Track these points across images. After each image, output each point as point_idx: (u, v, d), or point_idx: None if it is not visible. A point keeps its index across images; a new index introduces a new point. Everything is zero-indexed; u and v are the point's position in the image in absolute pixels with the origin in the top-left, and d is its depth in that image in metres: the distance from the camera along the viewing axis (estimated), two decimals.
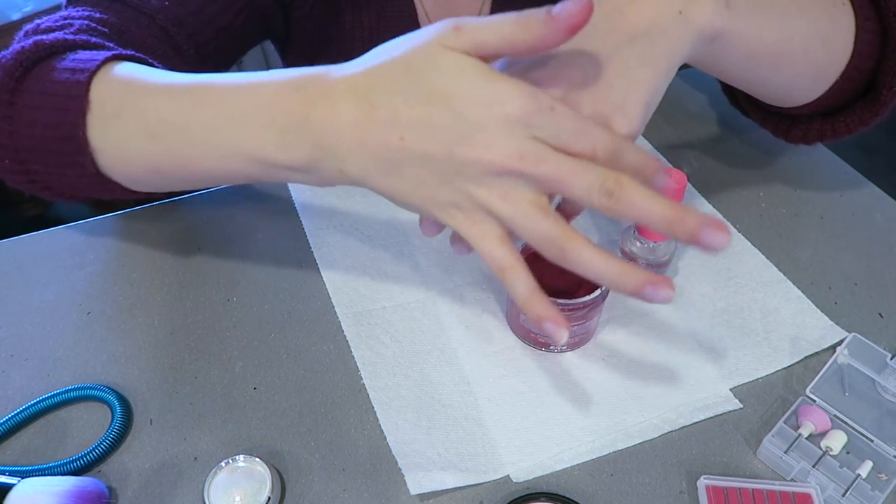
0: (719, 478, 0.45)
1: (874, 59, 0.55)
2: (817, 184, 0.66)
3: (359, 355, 0.52)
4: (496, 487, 0.45)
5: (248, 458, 0.44)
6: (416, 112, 0.35)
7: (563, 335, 0.37)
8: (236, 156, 0.40)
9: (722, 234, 0.35)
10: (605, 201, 0.35)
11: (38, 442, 0.47)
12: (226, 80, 0.41)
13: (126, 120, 0.44)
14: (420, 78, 0.35)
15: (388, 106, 0.35)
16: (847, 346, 0.51)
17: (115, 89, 0.44)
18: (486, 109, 0.34)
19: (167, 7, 0.56)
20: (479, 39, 0.35)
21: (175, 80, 0.43)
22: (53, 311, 0.55)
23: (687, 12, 0.42)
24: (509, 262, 0.38)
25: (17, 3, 1.21)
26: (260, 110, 0.39)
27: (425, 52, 0.35)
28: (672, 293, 0.36)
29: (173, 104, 0.42)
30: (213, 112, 0.41)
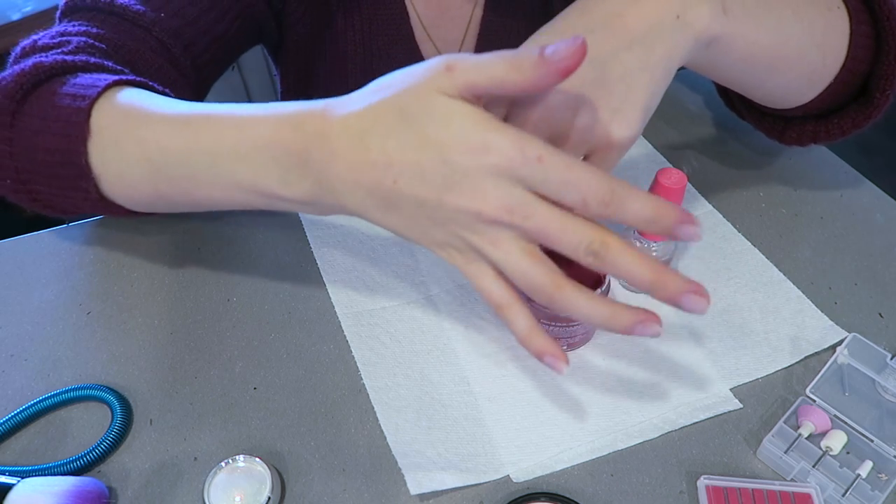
0: (719, 478, 0.45)
1: (868, 63, 0.56)
2: (817, 184, 0.66)
3: (359, 355, 0.52)
4: (496, 487, 0.45)
5: (248, 458, 0.44)
6: (408, 157, 0.35)
7: (563, 369, 0.38)
8: (238, 188, 0.41)
9: (702, 300, 0.36)
10: (591, 260, 0.36)
11: (38, 442, 0.47)
12: (224, 112, 0.41)
13: (126, 148, 0.44)
14: (412, 123, 0.35)
15: (382, 150, 0.35)
16: (847, 346, 0.51)
17: (116, 117, 0.45)
18: (473, 158, 0.34)
19: (163, 19, 0.56)
20: (470, 81, 0.35)
21: (175, 110, 0.44)
22: (53, 311, 0.55)
23: (685, 17, 0.43)
24: (507, 299, 0.38)
25: (18, 3, 1.21)
26: (259, 148, 0.39)
27: (418, 96, 0.35)
28: (660, 329, 0.37)
29: (173, 135, 0.43)
30: (213, 146, 0.41)
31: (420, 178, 0.35)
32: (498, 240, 0.36)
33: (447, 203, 0.35)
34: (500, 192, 0.34)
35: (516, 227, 0.35)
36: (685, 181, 0.48)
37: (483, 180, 0.34)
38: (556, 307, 0.37)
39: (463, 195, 0.35)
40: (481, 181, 0.34)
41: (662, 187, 0.48)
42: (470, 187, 0.35)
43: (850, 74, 0.56)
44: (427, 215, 0.36)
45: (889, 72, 0.55)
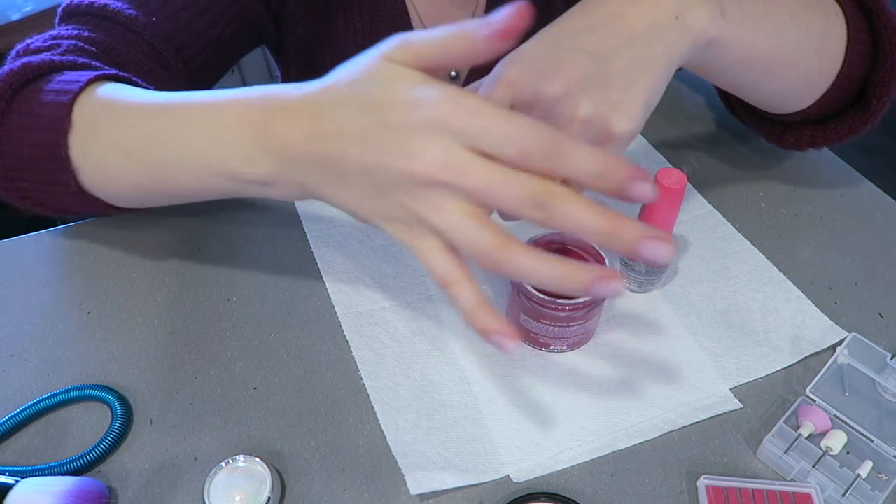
0: (719, 478, 0.45)
1: (865, 70, 0.57)
2: (817, 184, 0.66)
3: (359, 355, 0.52)
4: (496, 487, 0.45)
5: (248, 458, 0.44)
6: (353, 122, 0.35)
7: (511, 347, 0.35)
8: (209, 171, 0.42)
9: (666, 246, 0.33)
10: (538, 214, 0.33)
11: (38, 442, 0.47)
12: (199, 98, 0.42)
13: (106, 139, 0.45)
14: (360, 89, 0.35)
15: (333, 119, 0.36)
16: (847, 346, 0.51)
17: (96, 109, 0.46)
18: (408, 114, 0.34)
19: (155, 23, 0.56)
20: (419, 50, 0.35)
21: (153, 100, 0.45)
22: (53, 311, 0.55)
23: (683, 18, 0.44)
24: (453, 276, 0.36)
25: (18, 3, 1.21)
26: (228, 127, 0.40)
27: (369, 65, 0.36)
28: (620, 286, 0.34)
29: (150, 123, 0.44)
30: (187, 130, 0.42)
31: (362, 143, 0.35)
32: (439, 204, 0.34)
33: (386, 166, 0.34)
34: (436, 147, 0.33)
35: (456, 187, 0.34)
36: (685, 181, 0.48)
37: (418, 136, 0.34)
38: (505, 271, 0.34)
39: (401, 157, 0.34)
40: (416, 138, 0.34)
41: (662, 187, 0.48)
42: (406, 146, 0.34)
43: (847, 80, 0.56)
44: (371, 183, 0.36)
45: (885, 79, 0.55)
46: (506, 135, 0.33)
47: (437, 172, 0.33)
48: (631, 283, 0.56)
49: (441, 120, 0.33)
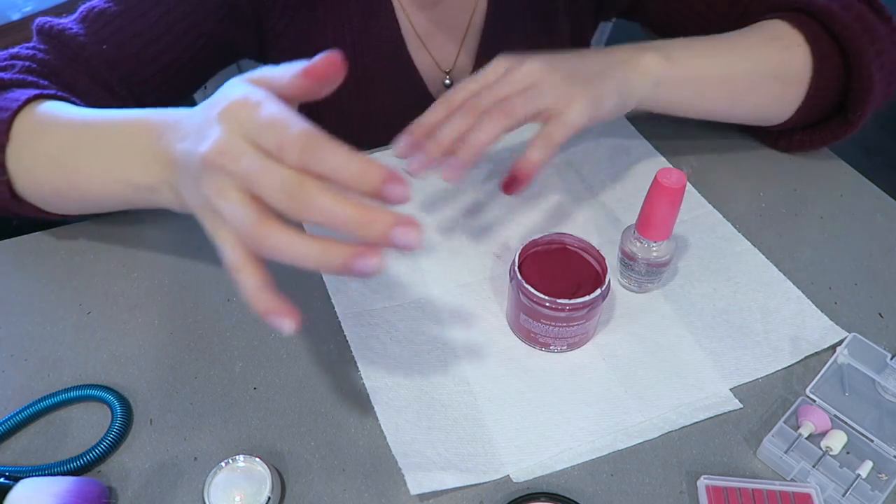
0: (719, 478, 0.45)
1: (837, 91, 0.63)
2: (817, 184, 0.66)
3: (359, 355, 0.52)
4: (496, 487, 0.45)
5: (248, 458, 0.44)
6: (193, 123, 0.40)
7: (289, 327, 0.38)
8: (112, 178, 0.47)
9: (415, 232, 0.34)
10: (288, 203, 0.35)
11: (38, 442, 0.47)
12: (115, 116, 0.48)
13: (34, 149, 0.51)
14: (212, 100, 0.39)
15: (187, 125, 0.41)
16: (847, 346, 0.51)
17: (31, 123, 0.52)
18: (215, 109, 0.37)
19: (104, 51, 0.60)
20: (264, 77, 0.39)
21: (78, 116, 0.51)
22: (53, 311, 0.55)
23: (630, 62, 0.56)
24: (237, 263, 0.38)
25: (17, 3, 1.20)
26: (129, 139, 0.46)
27: (228, 84, 0.40)
28: (380, 262, 0.35)
29: (70, 135, 0.50)
30: (97, 142, 0.48)
31: (187, 138, 0.39)
32: (221, 188, 0.36)
33: (191, 153, 0.38)
34: (222, 135, 0.36)
35: (229, 172, 0.36)
36: (685, 181, 0.48)
37: (214, 126, 0.37)
38: (265, 249, 0.36)
39: (198, 143, 0.37)
40: (212, 128, 0.37)
41: (662, 187, 0.48)
42: (202, 134, 0.37)
43: (819, 98, 0.63)
44: (191, 175, 0.39)
45: (859, 98, 0.62)
46: (270, 126, 0.36)
47: (215, 156, 0.36)
48: (631, 283, 0.56)
49: (230, 112, 0.37)
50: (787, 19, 0.62)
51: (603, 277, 0.49)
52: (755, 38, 0.61)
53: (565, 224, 0.62)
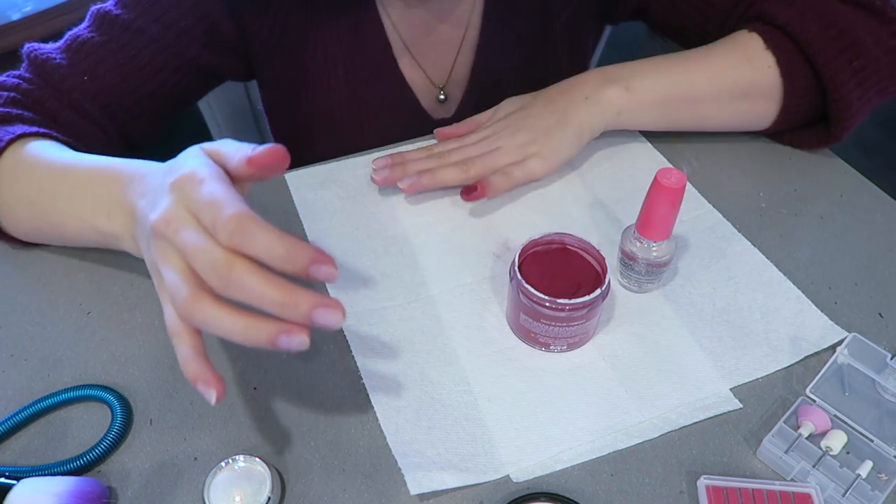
0: (719, 478, 0.45)
1: (813, 107, 0.64)
2: (817, 184, 0.66)
3: (359, 355, 0.52)
4: (496, 487, 0.45)
5: (248, 458, 0.44)
6: (153, 184, 0.43)
7: (213, 398, 0.39)
8: (83, 223, 0.50)
9: (335, 313, 0.37)
10: (217, 282, 0.37)
11: (38, 442, 0.47)
12: (89, 164, 0.52)
13: (16, 188, 0.54)
14: (170, 163, 0.43)
15: (149, 183, 0.44)
16: (847, 346, 0.51)
17: (15, 163, 0.54)
18: (169, 178, 0.40)
19: (85, 83, 0.62)
20: (219, 153, 0.42)
21: (57, 161, 0.53)
22: (53, 311, 0.55)
23: (592, 97, 0.62)
24: (176, 329, 0.40)
25: (17, 3, 1.20)
26: (99, 188, 0.49)
27: (186, 152, 0.43)
28: (307, 339, 0.37)
29: (49, 178, 0.53)
30: (71, 189, 0.51)
31: (146, 198, 0.43)
32: (164, 254, 0.39)
33: (145, 216, 0.41)
34: (170, 206, 0.39)
35: (171, 242, 0.38)
36: (685, 181, 0.48)
37: (165, 195, 0.40)
38: (193, 321, 0.38)
39: (151, 209, 0.40)
40: (164, 196, 0.40)
41: (662, 187, 0.48)
42: (156, 201, 0.40)
43: (794, 115, 0.65)
44: (145, 235, 0.42)
45: (838, 117, 0.63)
46: (207, 204, 0.38)
47: (161, 224, 0.39)
48: (631, 283, 0.56)
49: (178, 184, 0.39)
50: (763, 36, 0.63)
51: (603, 277, 0.49)
52: (725, 58, 0.63)
53: (565, 224, 0.62)
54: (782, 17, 0.62)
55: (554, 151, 0.62)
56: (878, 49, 0.61)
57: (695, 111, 0.64)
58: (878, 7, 0.62)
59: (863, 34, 0.61)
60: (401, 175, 0.61)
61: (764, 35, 0.63)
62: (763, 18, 0.64)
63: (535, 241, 0.52)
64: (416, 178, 0.61)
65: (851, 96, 0.61)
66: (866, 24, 0.62)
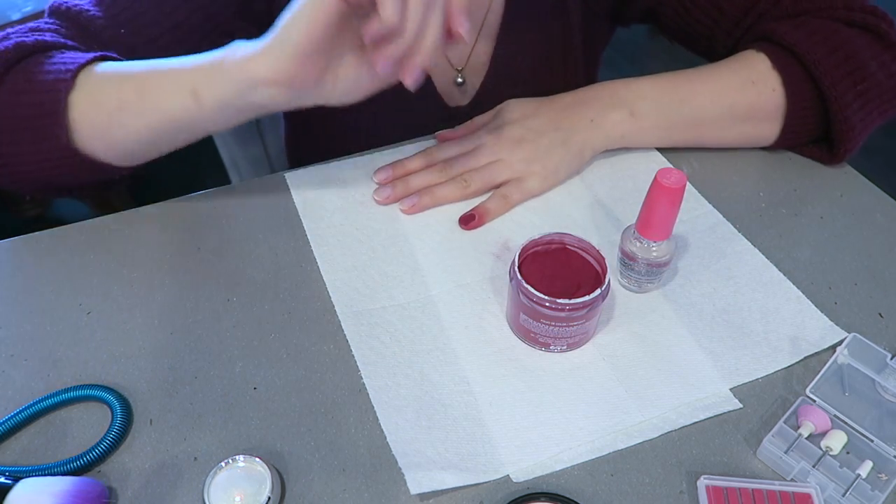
0: (719, 478, 0.45)
1: (815, 127, 0.65)
2: (817, 184, 0.66)
3: (359, 355, 0.52)
4: (496, 487, 0.45)
5: (248, 458, 0.44)
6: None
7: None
8: (184, 89, 0.51)
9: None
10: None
11: (38, 442, 0.47)
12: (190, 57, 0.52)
13: (106, 76, 0.53)
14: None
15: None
16: (847, 346, 0.51)
17: (103, 68, 0.54)
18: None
19: (122, 35, 0.60)
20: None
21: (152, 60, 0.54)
22: (53, 311, 0.55)
23: (596, 121, 0.64)
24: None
25: (17, 3, 1.21)
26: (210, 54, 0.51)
27: None
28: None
29: (143, 64, 0.53)
30: (174, 64, 0.52)
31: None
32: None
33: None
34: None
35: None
36: (685, 181, 0.48)
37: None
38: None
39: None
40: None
41: (662, 187, 0.48)
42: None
43: (796, 136, 0.66)
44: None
45: (840, 139, 0.63)
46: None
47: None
48: (631, 283, 0.56)
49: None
50: (770, 56, 0.63)
51: (603, 277, 0.49)
52: (730, 80, 0.64)
53: (565, 224, 0.62)
54: (790, 38, 0.62)
55: (554, 172, 0.63)
56: (881, 73, 0.62)
57: (698, 133, 0.65)
58: (884, 32, 0.63)
59: (868, 58, 0.62)
60: (402, 194, 0.63)
61: (771, 55, 0.63)
62: (771, 38, 0.64)
63: (535, 241, 0.52)
64: (417, 200, 0.62)
65: (855, 118, 0.62)
66: (871, 49, 0.63)
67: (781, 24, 0.64)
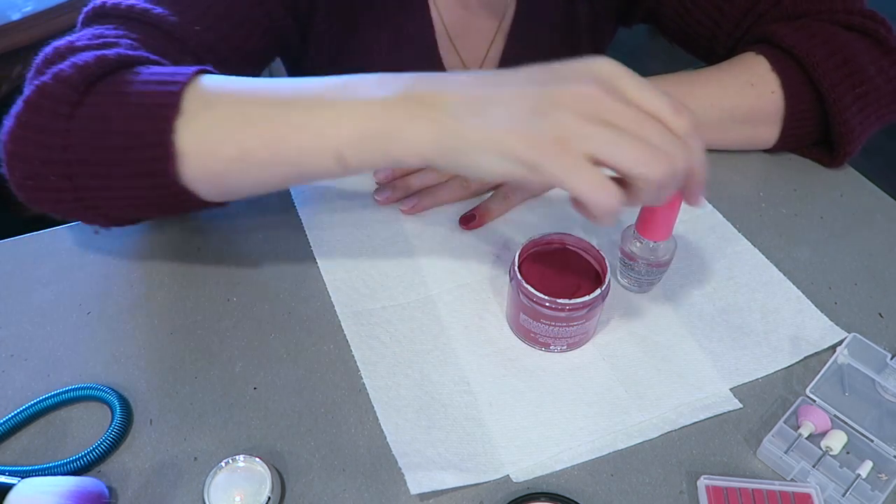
0: (719, 478, 0.45)
1: (815, 130, 0.65)
2: (817, 184, 0.66)
3: (359, 355, 0.52)
4: (496, 487, 0.45)
5: (248, 458, 0.44)
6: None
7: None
8: (328, 129, 0.43)
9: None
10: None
11: (38, 442, 0.47)
12: (314, 79, 0.45)
13: (219, 109, 0.45)
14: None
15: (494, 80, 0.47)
16: (847, 346, 0.51)
17: (205, 90, 0.45)
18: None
19: (199, 33, 0.55)
20: None
21: (270, 79, 0.46)
22: (53, 311, 0.55)
23: None
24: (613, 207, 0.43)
25: (17, 3, 1.21)
26: (369, 85, 0.43)
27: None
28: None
29: (273, 92, 0.45)
30: (320, 92, 0.44)
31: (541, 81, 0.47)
32: (608, 129, 0.42)
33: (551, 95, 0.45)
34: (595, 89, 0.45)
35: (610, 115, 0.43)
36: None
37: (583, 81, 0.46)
38: (689, 156, 0.46)
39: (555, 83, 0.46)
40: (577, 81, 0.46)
41: None
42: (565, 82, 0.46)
43: (795, 138, 0.66)
44: (539, 103, 0.44)
45: (840, 142, 0.64)
46: (653, 97, 0.47)
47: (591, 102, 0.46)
48: (631, 283, 0.56)
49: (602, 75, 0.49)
50: (769, 59, 0.63)
51: (603, 277, 0.49)
52: (729, 83, 0.63)
53: (565, 224, 0.62)
54: (789, 41, 0.62)
55: None
56: (880, 77, 0.62)
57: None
58: (883, 36, 0.63)
59: (866, 62, 0.62)
60: (402, 194, 0.62)
61: (770, 57, 0.63)
62: (770, 40, 0.64)
63: (535, 240, 0.52)
64: (417, 200, 0.61)
65: (854, 121, 0.62)
66: (870, 53, 0.63)
67: (781, 26, 0.64)
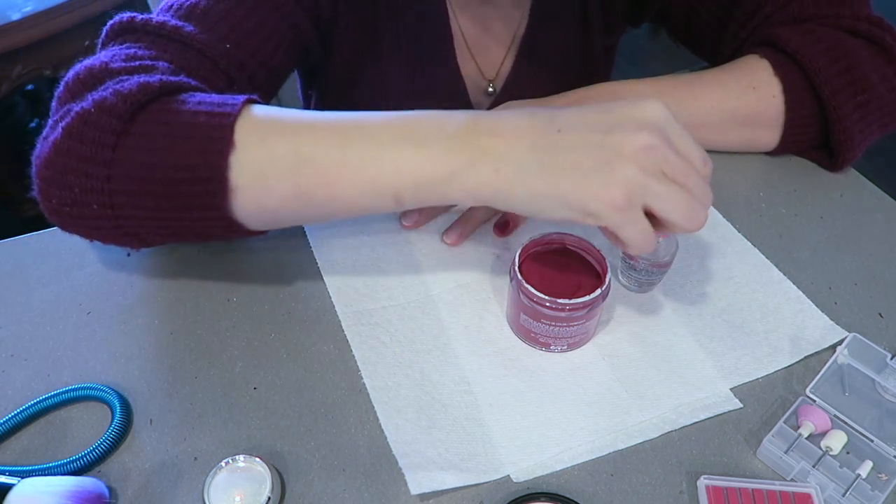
0: (719, 478, 0.45)
1: (815, 134, 0.65)
2: (817, 184, 0.66)
3: (359, 355, 0.52)
4: (496, 487, 0.45)
5: (248, 458, 0.44)
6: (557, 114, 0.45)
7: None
8: (382, 175, 0.43)
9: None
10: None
11: (38, 442, 0.47)
12: (365, 114, 0.45)
13: (275, 145, 0.44)
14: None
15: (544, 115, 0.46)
16: (847, 346, 0.51)
17: (259, 123, 0.44)
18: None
19: (229, 51, 0.55)
20: None
21: (321, 114, 0.46)
22: (53, 311, 0.55)
23: None
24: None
25: (18, 3, 1.21)
26: (425, 127, 0.44)
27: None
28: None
29: (327, 128, 0.44)
30: (378, 131, 0.44)
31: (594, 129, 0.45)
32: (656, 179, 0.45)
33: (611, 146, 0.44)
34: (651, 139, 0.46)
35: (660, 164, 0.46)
36: None
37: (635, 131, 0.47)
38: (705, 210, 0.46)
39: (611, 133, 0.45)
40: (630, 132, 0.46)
41: None
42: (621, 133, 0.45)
43: (795, 141, 0.66)
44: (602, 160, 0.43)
45: (839, 149, 0.64)
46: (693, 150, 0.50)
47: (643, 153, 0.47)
48: (631, 283, 0.56)
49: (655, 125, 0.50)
50: (772, 62, 0.63)
51: (603, 277, 0.49)
52: (731, 86, 0.63)
53: (565, 224, 0.62)
54: (793, 45, 0.62)
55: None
56: (882, 86, 0.62)
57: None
58: (889, 44, 0.63)
59: (869, 70, 0.62)
60: (427, 219, 0.60)
61: (773, 61, 0.63)
62: (774, 43, 0.64)
63: (535, 240, 0.52)
64: (460, 229, 0.59)
65: (854, 129, 0.62)
66: (874, 61, 0.63)
67: (786, 29, 0.64)
